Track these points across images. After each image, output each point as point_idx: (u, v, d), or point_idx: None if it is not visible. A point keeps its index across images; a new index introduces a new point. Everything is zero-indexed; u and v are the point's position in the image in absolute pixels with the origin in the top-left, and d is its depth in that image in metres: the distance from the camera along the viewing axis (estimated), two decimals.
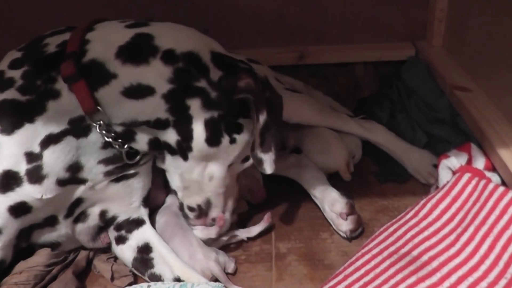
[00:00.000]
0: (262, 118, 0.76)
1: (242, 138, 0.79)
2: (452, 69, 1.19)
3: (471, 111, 1.00)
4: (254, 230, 0.91)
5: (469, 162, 0.87)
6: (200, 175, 0.81)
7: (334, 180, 1.02)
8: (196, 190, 0.83)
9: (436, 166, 0.91)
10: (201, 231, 0.87)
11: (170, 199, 0.95)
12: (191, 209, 0.86)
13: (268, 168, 0.80)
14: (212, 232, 0.87)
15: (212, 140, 0.77)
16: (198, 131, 0.76)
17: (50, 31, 0.81)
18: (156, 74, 0.74)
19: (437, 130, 1.11)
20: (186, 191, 0.85)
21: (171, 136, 0.77)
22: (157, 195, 0.94)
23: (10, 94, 0.75)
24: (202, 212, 0.86)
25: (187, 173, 0.81)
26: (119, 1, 1.29)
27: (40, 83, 0.75)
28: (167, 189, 0.96)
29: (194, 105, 0.75)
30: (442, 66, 1.21)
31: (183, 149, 0.78)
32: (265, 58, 1.18)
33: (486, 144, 0.92)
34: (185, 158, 0.79)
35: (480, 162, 0.87)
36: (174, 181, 0.85)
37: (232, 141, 0.79)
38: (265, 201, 0.99)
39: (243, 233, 0.91)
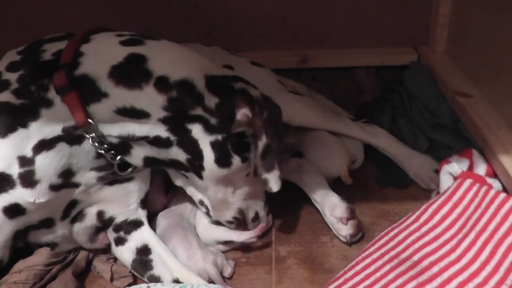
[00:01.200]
0: (261, 143, 0.76)
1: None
2: (454, 75, 1.19)
3: (472, 117, 1.00)
4: (244, 235, 0.89)
5: (471, 168, 0.87)
6: (224, 193, 0.82)
7: (335, 184, 1.02)
8: (224, 207, 0.85)
9: (437, 172, 0.91)
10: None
11: (174, 205, 0.95)
12: (229, 222, 0.88)
13: (274, 186, 0.79)
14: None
15: (222, 161, 0.77)
16: (207, 152, 0.76)
17: (50, 36, 0.81)
18: (150, 101, 0.73)
19: (439, 135, 1.11)
20: (215, 210, 0.86)
21: (179, 154, 0.77)
22: (156, 198, 0.94)
23: (5, 96, 0.74)
24: (240, 221, 0.88)
25: (212, 194, 0.82)
26: (123, 3, 1.29)
27: (34, 89, 0.74)
28: (167, 192, 0.96)
29: (196, 129, 0.75)
30: (444, 71, 1.21)
31: (195, 168, 0.78)
32: (268, 61, 1.18)
33: (487, 150, 0.92)
34: (200, 177, 0.79)
35: (481, 168, 0.87)
36: (204, 200, 0.86)
37: (244, 160, 0.79)
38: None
39: (233, 235, 0.90)
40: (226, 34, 1.32)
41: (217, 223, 0.89)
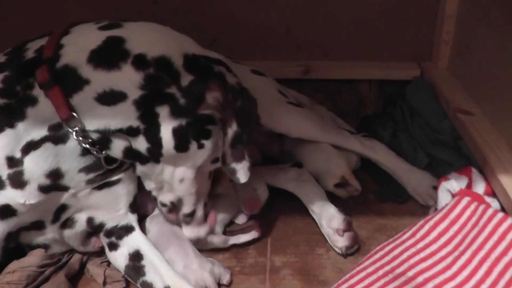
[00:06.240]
0: (231, 131, 0.76)
1: (210, 143, 0.79)
2: (456, 92, 1.19)
3: (473, 135, 1.00)
4: (242, 237, 0.92)
5: (469, 186, 0.87)
6: (170, 176, 0.81)
7: (333, 196, 1.02)
8: (168, 189, 0.84)
9: (435, 188, 0.91)
10: (191, 230, 0.88)
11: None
12: (163, 204, 0.86)
13: (242, 177, 0.80)
14: (202, 231, 0.88)
15: (180, 147, 0.77)
16: (167, 139, 0.76)
17: (35, 36, 0.81)
18: (128, 79, 0.73)
19: (439, 152, 1.11)
20: (159, 191, 0.85)
21: (141, 144, 0.77)
22: (144, 201, 0.93)
23: None
24: (173, 208, 0.86)
25: (160, 174, 0.81)
26: (128, 8, 1.29)
27: (20, 89, 0.74)
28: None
29: (163, 112, 0.74)
30: (446, 88, 1.21)
31: (154, 155, 0.78)
32: (271, 71, 1.18)
33: (487, 169, 0.91)
34: (157, 161, 0.79)
35: (480, 187, 0.87)
36: (149, 184, 0.85)
37: (200, 146, 0.79)
38: (263, 213, 0.99)
39: (232, 239, 0.92)
40: (230, 42, 1.33)
41: (154, 199, 0.88)
